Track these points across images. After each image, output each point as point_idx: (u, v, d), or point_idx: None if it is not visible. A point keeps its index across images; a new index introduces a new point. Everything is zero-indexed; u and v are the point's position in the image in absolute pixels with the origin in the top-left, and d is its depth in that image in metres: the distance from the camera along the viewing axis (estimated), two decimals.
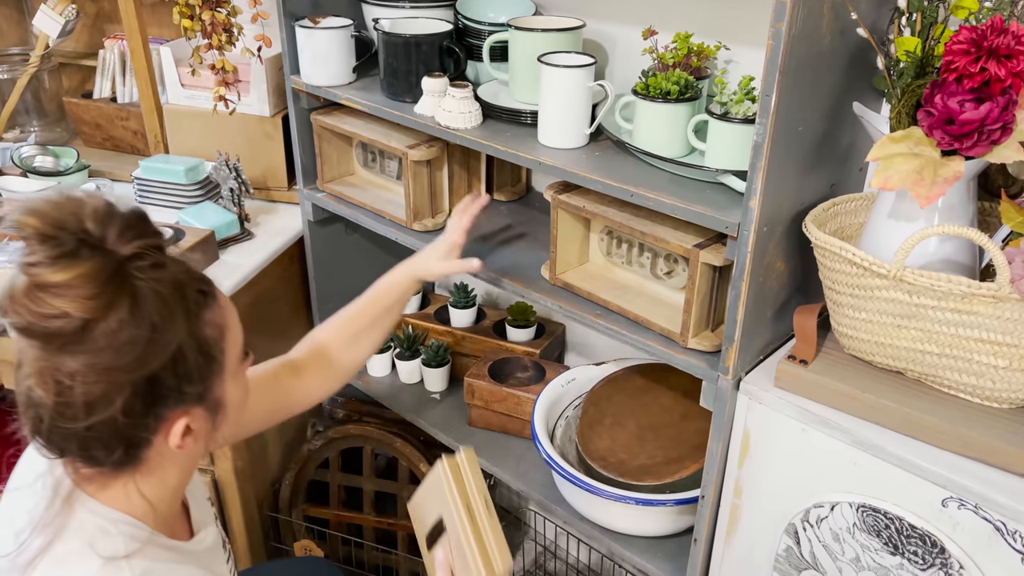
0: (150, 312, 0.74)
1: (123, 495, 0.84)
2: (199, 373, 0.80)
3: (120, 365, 0.74)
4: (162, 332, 0.75)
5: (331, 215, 1.64)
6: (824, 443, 1.00)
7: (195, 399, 0.81)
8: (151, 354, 0.75)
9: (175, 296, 0.77)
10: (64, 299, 0.71)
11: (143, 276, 0.75)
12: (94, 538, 0.81)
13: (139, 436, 0.79)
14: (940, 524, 0.93)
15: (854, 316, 0.98)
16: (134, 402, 0.76)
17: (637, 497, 1.25)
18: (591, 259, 1.30)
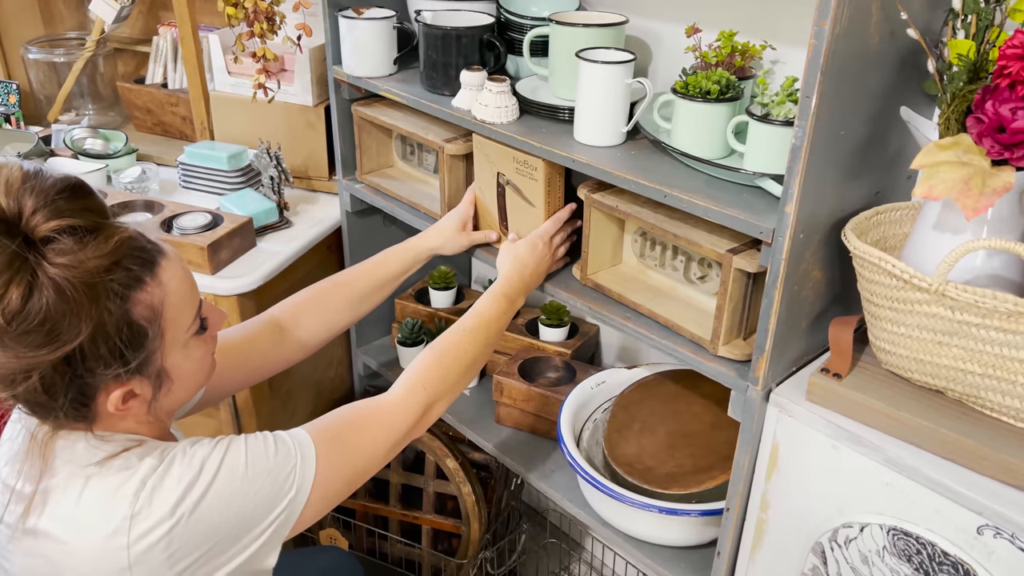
0: (45, 306, 0.72)
1: (95, 436, 0.85)
2: (124, 352, 0.79)
3: (22, 346, 0.73)
4: (62, 326, 0.74)
5: (369, 206, 1.64)
6: (856, 461, 0.96)
7: (130, 373, 0.81)
8: (51, 344, 0.74)
9: (84, 286, 0.74)
10: None
11: (50, 263, 0.73)
12: (87, 454, 0.82)
13: (70, 405, 0.80)
14: (974, 552, 0.88)
15: (893, 331, 0.94)
16: (51, 379, 0.77)
17: (661, 506, 1.22)
18: (624, 260, 1.28)
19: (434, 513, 1.68)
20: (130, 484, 0.80)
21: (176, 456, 0.83)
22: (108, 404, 0.82)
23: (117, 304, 0.77)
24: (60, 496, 0.82)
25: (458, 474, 1.61)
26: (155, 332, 0.82)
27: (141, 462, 0.82)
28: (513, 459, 1.50)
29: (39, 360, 0.75)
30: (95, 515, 0.81)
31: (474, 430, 1.57)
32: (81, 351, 0.76)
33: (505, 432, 1.56)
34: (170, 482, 0.81)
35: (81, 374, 0.78)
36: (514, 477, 1.72)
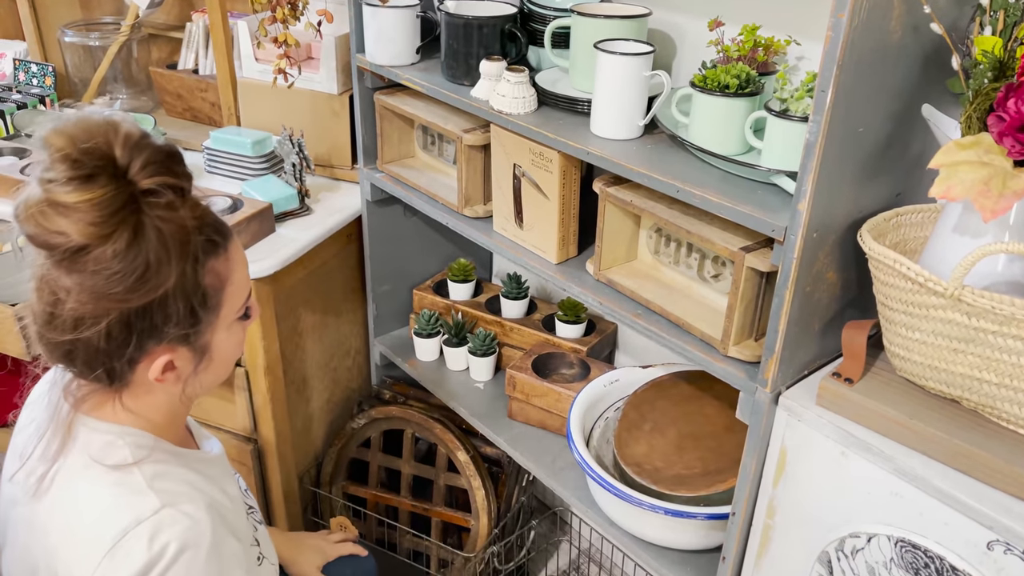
0: (147, 250, 0.76)
1: (121, 411, 0.87)
2: (188, 317, 0.82)
3: (108, 293, 0.76)
4: (155, 272, 0.77)
5: (390, 196, 1.64)
6: (864, 469, 0.94)
7: (180, 340, 0.83)
8: (140, 289, 0.77)
9: (178, 240, 0.78)
10: (68, 220, 0.74)
11: (152, 213, 0.77)
12: (101, 452, 0.85)
13: (120, 361, 0.82)
14: (983, 568, 0.85)
15: (907, 336, 0.91)
16: (118, 329, 0.79)
17: (667, 507, 1.20)
18: (639, 257, 1.26)
19: (444, 506, 1.68)
20: (121, 518, 0.81)
21: (170, 531, 0.82)
22: (150, 371, 0.83)
23: (194, 266, 0.81)
24: (64, 484, 0.84)
25: (469, 467, 1.60)
26: (215, 303, 0.85)
27: (143, 496, 0.82)
28: (523, 455, 1.49)
29: (118, 305, 0.77)
30: (85, 521, 0.82)
31: (486, 424, 1.56)
32: (156, 304, 0.79)
33: (517, 427, 1.55)
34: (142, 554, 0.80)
35: (145, 329, 0.80)
36: (525, 473, 1.70)
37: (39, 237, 0.75)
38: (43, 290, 0.78)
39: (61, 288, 0.77)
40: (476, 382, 1.68)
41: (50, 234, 0.74)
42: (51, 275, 0.77)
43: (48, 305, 0.78)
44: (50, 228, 0.74)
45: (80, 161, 0.73)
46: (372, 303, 1.78)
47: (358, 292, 1.81)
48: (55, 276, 0.76)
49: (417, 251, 1.80)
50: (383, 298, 1.79)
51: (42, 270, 0.77)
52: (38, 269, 0.78)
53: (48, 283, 0.77)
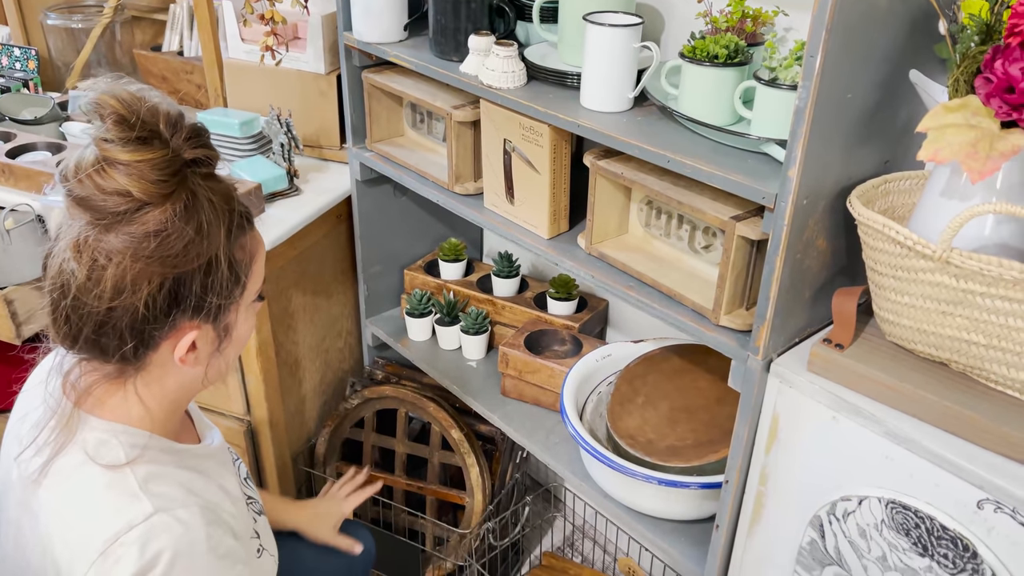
0: (200, 214, 0.78)
1: (122, 404, 0.87)
2: (223, 289, 0.83)
3: (158, 256, 0.77)
4: (206, 237, 0.78)
5: (379, 176, 1.64)
6: (855, 433, 0.95)
7: (212, 314, 0.84)
8: (190, 254, 0.78)
9: (223, 209, 0.81)
10: (129, 178, 0.74)
11: (200, 182, 0.79)
12: (95, 450, 0.84)
13: (152, 335, 0.81)
14: (974, 527, 0.87)
15: (897, 300, 0.92)
16: (158, 297, 0.79)
17: (661, 478, 1.21)
18: (630, 230, 1.26)
19: (438, 484, 1.69)
20: (113, 522, 0.80)
21: (163, 540, 0.81)
22: (176, 349, 0.83)
23: (230, 239, 0.82)
24: (59, 480, 0.84)
25: (463, 445, 1.61)
26: (244, 279, 0.86)
27: (136, 500, 0.81)
28: (517, 431, 1.49)
29: (166, 270, 0.78)
30: (78, 520, 0.82)
31: (480, 402, 1.56)
32: (200, 272, 0.80)
33: (510, 404, 1.56)
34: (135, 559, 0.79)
35: (184, 298, 0.80)
36: (519, 450, 1.71)
37: (93, 198, 0.75)
38: (82, 256, 0.77)
39: (105, 252, 0.76)
40: (469, 361, 1.68)
41: (107, 194, 0.74)
42: (95, 240, 0.76)
43: (87, 270, 0.77)
44: (108, 187, 0.74)
45: (136, 124, 0.74)
46: (363, 284, 1.78)
47: (348, 273, 1.80)
48: (99, 240, 0.76)
49: (407, 231, 1.80)
50: (374, 279, 1.79)
51: (80, 236, 0.76)
52: (72, 237, 0.77)
53: (88, 248, 0.76)
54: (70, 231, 0.78)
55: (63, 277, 0.79)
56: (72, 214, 0.77)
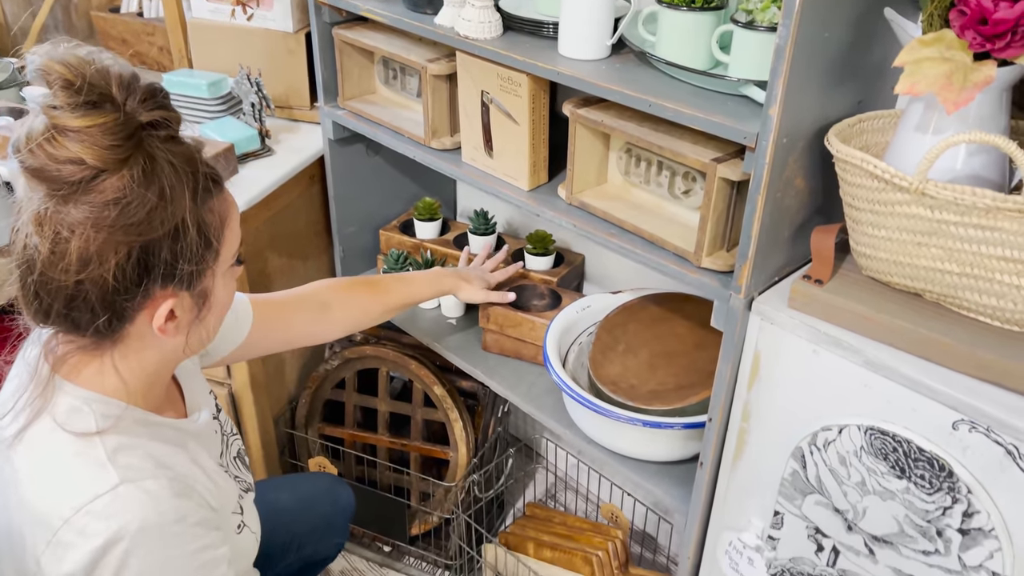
0: (161, 179, 0.75)
1: (98, 374, 0.85)
2: (195, 255, 0.81)
3: (121, 224, 0.75)
4: (169, 202, 0.76)
5: (352, 135, 1.63)
6: (835, 364, 0.98)
7: (185, 282, 0.82)
8: (154, 221, 0.76)
9: (186, 171, 0.78)
10: (81, 145, 0.72)
11: (159, 145, 0.76)
12: (66, 417, 0.82)
13: (124, 306, 0.79)
14: (950, 447, 0.91)
15: (873, 234, 0.95)
16: (127, 267, 0.77)
17: (645, 419, 1.24)
18: (609, 179, 1.28)
19: (422, 440, 1.70)
20: (78, 491, 0.79)
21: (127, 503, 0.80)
22: (154, 319, 0.82)
23: (197, 203, 0.79)
24: (31, 446, 0.82)
25: (446, 400, 1.62)
26: (216, 244, 0.83)
27: (103, 470, 0.80)
28: (500, 384, 1.51)
29: (131, 239, 0.75)
30: (44, 488, 0.81)
31: (462, 357, 1.58)
32: (168, 238, 0.78)
33: (492, 359, 1.57)
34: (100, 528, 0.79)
35: (154, 267, 0.78)
36: (501, 404, 1.74)
37: (47, 169, 0.72)
38: (44, 230, 0.75)
39: (67, 224, 0.74)
40: (448, 319, 1.69)
41: (60, 164, 0.72)
42: (55, 212, 0.74)
43: (51, 244, 0.75)
44: (61, 156, 0.72)
45: (83, 88, 0.72)
46: (338, 245, 1.77)
47: (323, 235, 1.80)
48: (60, 212, 0.74)
49: (381, 191, 1.80)
50: (349, 240, 1.78)
51: (40, 209, 0.74)
52: (33, 210, 0.75)
53: (50, 222, 0.74)
54: (30, 204, 0.75)
55: (28, 252, 0.77)
56: (30, 186, 0.75)
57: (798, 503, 1.09)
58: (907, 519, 0.97)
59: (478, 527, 1.62)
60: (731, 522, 1.20)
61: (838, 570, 1.08)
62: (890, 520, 0.99)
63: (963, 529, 0.92)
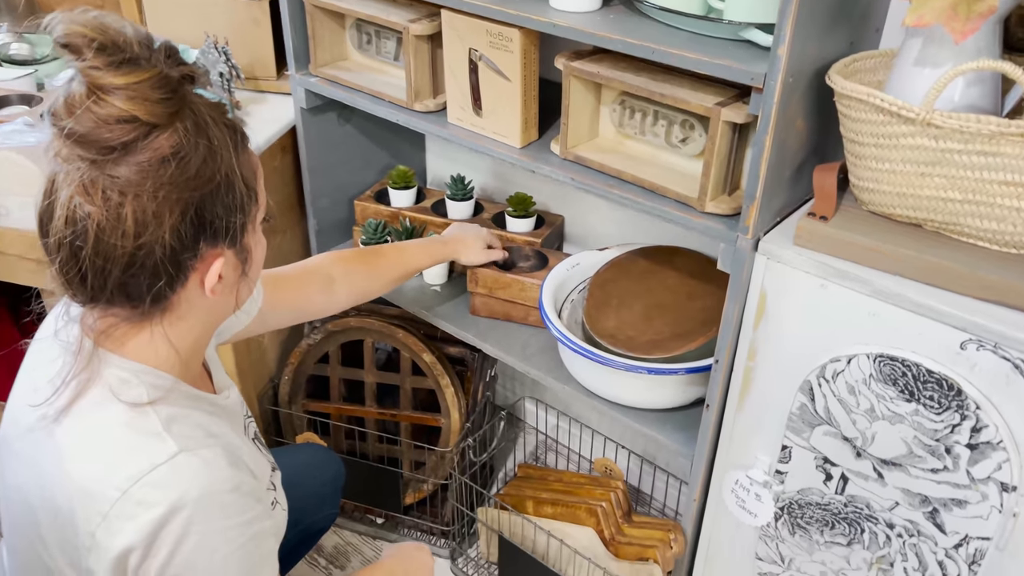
0: (207, 131, 0.74)
1: (146, 345, 0.83)
2: (242, 207, 0.80)
3: (178, 181, 0.73)
4: (218, 153, 0.75)
5: (324, 103, 1.60)
6: (843, 297, 1.02)
7: (234, 237, 0.80)
8: (206, 174, 0.74)
9: (224, 123, 0.77)
10: (132, 102, 0.69)
11: (196, 99, 0.75)
12: (117, 388, 0.80)
13: (181, 268, 0.78)
14: (957, 367, 0.96)
15: (877, 168, 0.98)
16: (184, 226, 0.75)
17: (649, 367, 1.26)
18: (601, 133, 1.29)
19: (412, 409, 1.69)
20: (135, 461, 0.77)
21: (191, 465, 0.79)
22: (207, 279, 0.80)
23: (238, 154, 0.78)
24: (78, 420, 0.80)
25: (435, 367, 1.62)
26: (255, 195, 0.82)
27: (159, 439, 0.78)
28: (493, 346, 1.52)
29: (186, 195, 0.74)
30: (97, 460, 0.79)
31: (450, 323, 1.57)
32: (219, 191, 0.76)
33: (482, 322, 1.57)
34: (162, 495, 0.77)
35: (207, 223, 0.77)
36: (488, 368, 1.74)
37: (95, 132, 0.70)
38: (94, 197, 0.71)
39: (118, 188, 0.71)
40: (432, 286, 1.68)
41: (110, 125, 0.69)
42: (104, 177, 0.71)
43: (104, 211, 0.72)
44: (111, 116, 0.69)
45: (115, 47, 0.69)
46: (312, 217, 1.74)
47: (296, 208, 1.76)
48: (110, 176, 0.71)
49: (353, 162, 1.77)
50: (323, 212, 1.75)
51: (88, 176, 0.71)
52: (78, 179, 0.71)
53: (99, 188, 0.71)
54: (71, 177, 0.72)
55: (77, 226, 0.73)
56: (68, 156, 0.72)
57: (806, 435, 1.13)
58: (916, 440, 1.02)
59: (480, 488, 1.62)
60: (737, 460, 1.24)
61: (847, 496, 1.12)
62: (899, 443, 1.04)
63: (971, 444, 0.97)
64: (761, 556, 1.27)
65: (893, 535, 1.10)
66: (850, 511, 1.13)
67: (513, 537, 1.51)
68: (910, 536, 1.08)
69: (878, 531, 1.11)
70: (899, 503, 1.07)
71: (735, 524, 1.28)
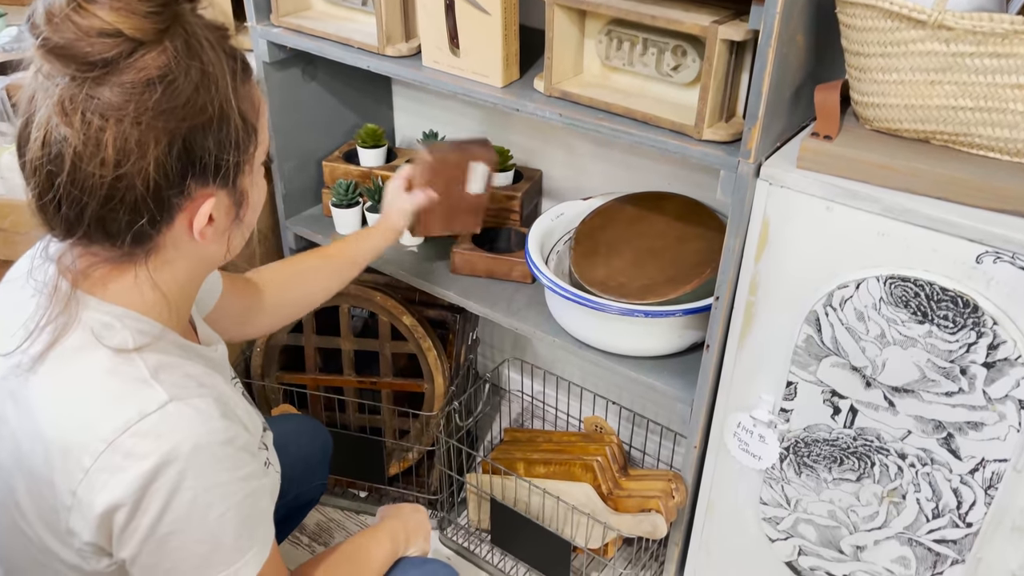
0: (202, 55, 0.67)
1: (130, 289, 0.75)
2: (238, 144, 0.72)
3: (163, 107, 0.65)
4: (213, 81, 0.68)
5: (289, 56, 1.52)
6: (850, 218, 0.98)
7: (227, 177, 0.73)
8: (199, 102, 0.67)
9: (223, 49, 0.70)
10: (116, 14, 0.62)
11: (192, 18, 0.67)
12: (99, 332, 0.73)
13: (165, 206, 0.70)
14: (973, 283, 0.93)
15: (883, 79, 0.95)
16: (169, 159, 0.67)
17: (646, 309, 1.22)
18: (586, 69, 1.23)
19: (393, 376, 1.63)
20: (122, 410, 0.70)
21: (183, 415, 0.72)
22: (196, 221, 0.73)
23: (234, 85, 0.71)
24: (58, 365, 0.73)
25: (416, 330, 1.55)
26: (254, 133, 0.75)
27: (148, 387, 0.71)
28: (478, 303, 1.46)
29: (175, 124, 0.67)
30: (80, 408, 0.71)
31: (431, 282, 1.51)
32: (212, 124, 0.69)
33: (464, 280, 1.51)
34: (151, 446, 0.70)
35: (198, 158, 0.69)
36: (470, 331, 1.68)
37: (75, 46, 0.62)
38: (73, 119, 0.64)
39: (99, 111, 0.64)
40: (408, 247, 1.61)
41: (92, 38, 0.62)
42: (84, 97, 0.64)
43: (83, 134, 0.64)
44: (92, 28, 0.62)
45: None
46: (279, 181, 1.66)
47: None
48: (91, 96, 0.64)
49: (319, 123, 1.69)
50: (290, 175, 1.67)
51: (68, 94, 0.64)
52: (56, 97, 0.64)
53: (78, 109, 0.64)
54: (50, 93, 0.65)
55: (53, 148, 0.66)
56: (49, 71, 0.65)
57: (812, 369, 1.09)
58: (929, 364, 0.99)
59: (469, 450, 1.56)
60: (739, 402, 1.20)
61: (855, 430, 1.09)
62: (911, 368, 1.00)
63: (988, 363, 0.95)
64: (766, 500, 1.23)
65: (905, 465, 1.07)
66: (859, 445, 1.10)
67: (505, 501, 1.46)
68: (923, 465, 1.05)
69: (889, 463, 1.08)
70: (911, 431, 1.04)
71: (738, 470, 1.24)
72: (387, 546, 1.05)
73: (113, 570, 0.76)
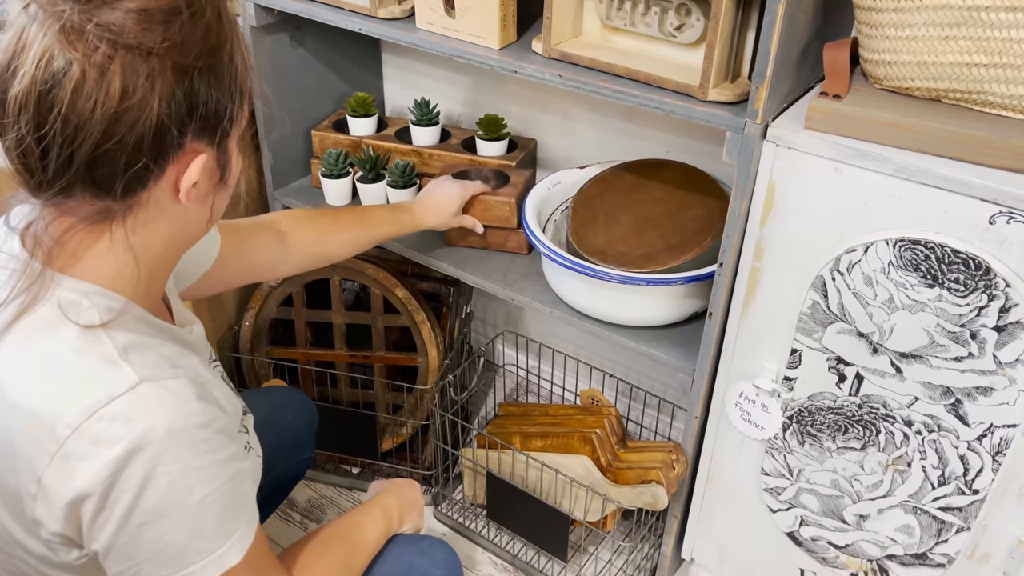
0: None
1: (103, 255, 0.71)
2: (234, 97, 0.70)
3: (180, 41, 0.63)
4: (226, 24, 0.66)
5: (277, 21, 1.47)
6: (860, 179, 0.96)
7: (220, 133, 0.70)
8: (213, 42, 0.65)
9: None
10: None
11: None
12: (67, 308, 0.69)
13: (161, 152, 0.66)
14: (986, 244, 0.91)
15: (895, 36, 0.92)
16: (173, 101, 0.64)
17: (647, 277, 1.19)
18: (586, 30, 1.20)
19: (386, 350, 1.60)
20: (88, 391, 0.66)
21: (148, 403, 0.68)
22: (185, 176, 0.70)
23: (239, 36, 0.69)
24: (20, 342, 0.69)
25: (410, 303, 1.52)
26: (246, 94, 0.72)
27: (116, 367, 0.68)
28: (474, 274, 1.43)
29: (183, 64, 0.64)
30: (44, 388, 0.67)
31: (426, 254, 1.48)
32: (213, 73, 0.67)
33: (459, 251, 1.48)
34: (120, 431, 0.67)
35: (195, 107, 0.66)
36: (464, 305, 1.65)
37: None
38: (75, 48, 0.60)
39: (110, 36, 0.60)
40: None
41: None
42: (91, 23, 0.60)
43: (87, 67, 0.60)
44: None
45: None
46: (267, 151, 1.61)
47: (249, 141, 1.63)
48: (99, 23, 0.60)
49: (307, 91, 1.64)
50: (278, 145, 1.63)
51: (67, 19, 0.60)
52: (59, 23, 0.60)
53: (85, 34, 0.60)
54: (48, 24, 0.61)
55: (48, 84, 0.61)
56: (47, 1, 0.61)
57: (818, 336, 1.07)
58: (938, 328, 0.97)
59: (465, 423, 1.54)
60: (742, 371, 1.18)
61: (861, 397, 1.08)
62: (920, 333, 0.99)
63: (999, 326, 0.93)
64: (767, 470, 1.22)
65: (911, 433, 1.05)
66: (865, 412, 1.08)
67: (502, 475, 1.44)
68: (929, 432, 1.04)
69: (895, 430, 1.07)
70: (918, 398, 1.03)
71: (739, 440, 1.23)
72: (381, 524, 1.03)
73: (84, 562, 0.73)
